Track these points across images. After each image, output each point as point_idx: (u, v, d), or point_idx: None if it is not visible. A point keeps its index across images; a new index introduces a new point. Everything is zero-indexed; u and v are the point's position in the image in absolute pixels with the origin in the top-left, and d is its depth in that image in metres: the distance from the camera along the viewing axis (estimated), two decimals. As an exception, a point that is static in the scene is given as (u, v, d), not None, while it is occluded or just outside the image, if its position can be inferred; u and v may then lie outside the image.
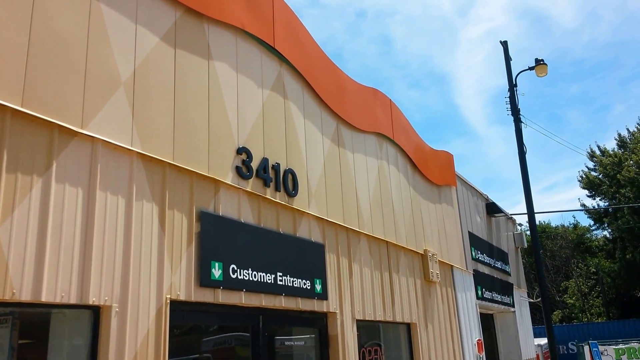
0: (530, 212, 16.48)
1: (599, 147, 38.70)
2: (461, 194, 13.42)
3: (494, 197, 18.14)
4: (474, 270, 13.16)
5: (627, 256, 36.24)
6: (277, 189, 6.70)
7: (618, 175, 34.97)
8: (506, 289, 15.35)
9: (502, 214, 15.56)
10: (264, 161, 6.54)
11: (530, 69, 17.40)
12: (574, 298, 42.25)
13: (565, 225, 48.34)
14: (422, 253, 10.51)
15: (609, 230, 38.97)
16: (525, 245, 17.50)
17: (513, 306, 15.64)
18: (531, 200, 16.47)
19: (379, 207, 9.17)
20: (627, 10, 73.05)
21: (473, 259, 13.27)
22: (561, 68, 79.72)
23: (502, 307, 14.76)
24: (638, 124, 38.41)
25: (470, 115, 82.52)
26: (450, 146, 74.82)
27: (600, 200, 38.54)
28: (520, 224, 17.92)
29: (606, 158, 36.97)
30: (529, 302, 17.34)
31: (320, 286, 7.13)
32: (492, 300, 13.95)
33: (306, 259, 6.99)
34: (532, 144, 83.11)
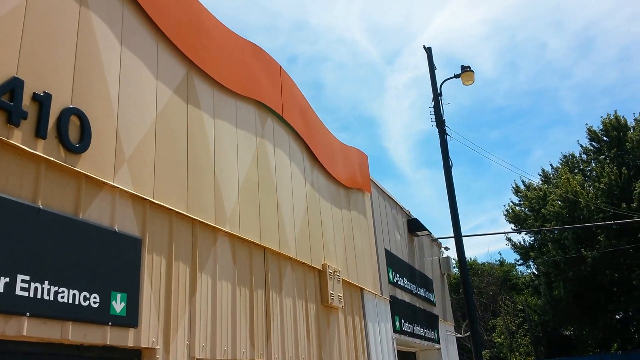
0: (458, 234, 14.13)
1: (523, 182, 37.78)
2: (377, 204, 10.88)
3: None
4: (392, 297, 10.52)
5: (555, 292, 34.89)
6: (41, 135, 3.84)
7: (543, 209, 33.84)
8: (431, 321, 12.79)
9: (426, 233, 13.12)
10: (13, 84, 3.70)
11: (456, 76, 15.40)
12: (502, 337, 40.47)
13: (492, 262, 47.13)
14: (320, 269, 7.78)
15: (535, 265, 37.71)
16: (452, 270, 15.10)
17: (438, 342, 13.07)
18: (458, 219, 14.15)
19: (255, 199, 6.41)
20: (543, 60, 75.50)
21: (390, 282, 10.65)
22: (483, 115, 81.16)
23: (426, 342, 12.14)
24: (561, 159, 37.87)
25: (398, 158, 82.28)
26: (380, 186, 73.92)
27: (525, 234, 37.33)
28: (447, 248, 15.68)
29: (531, 192, 35.93)
30: (457, 338, 14.84)
31: (123, 304, 4.21)
32: (413, 335, 11.30)
33: (99, 259, 4.10)
34: (458, 186, 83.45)
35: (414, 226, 12.69)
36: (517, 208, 37.16)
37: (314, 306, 7.41)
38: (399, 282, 11.08)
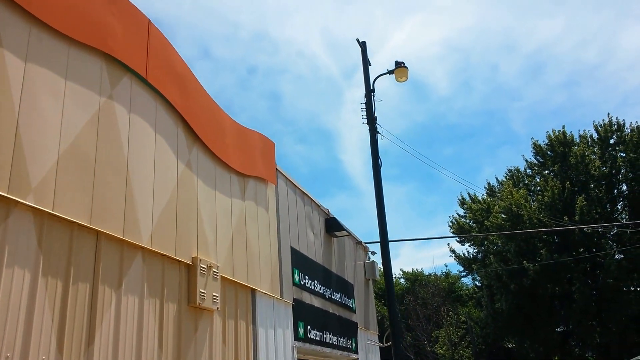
0: (384, 237, 13.04)
1: (469, 194, 37.35)
2: (285, 197, 9.66)
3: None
4: (296, 301, 9.29)
5: (496, 305, 34.38)
6: None
7: (486, 221, 33.38)
8: (347, 329, 11.60)
9: (345, 233, 11.96)
10: None
11: (390, 72, 14.41)
12: (444, 348, 39.76)
13: (438, 274, 46.61)
14: (189, 262, 6.48)
15: (478, 277, 37.23)
16: (378, 276, 13.98)
17: (356, 352, 11.88)
18: (384, 221, 13.07)
19: (87, 171, 5.08)
20: (495, 82, 76.37)
21: (296, 284, 9.42)
22: (437, 132, 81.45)
23: (340, 352, 10.94)
24: (506, 174, 37.63)
25: (353, 170, 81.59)
26: (334, 200, 72.69)
27: (469, 246, 36.80)
28: (373, 252, 14.56)
29: (475, 205, 35.47)
30: (380, 348, 13.70)
31: None
32: (323, 343, 10.08)
33: None
34: (411, 201, 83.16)
35: (332, 226, 11.52)
36: (462, 220, 36.67)
37: (175, 307, 6.10)
38: (307, 285, 9.86)
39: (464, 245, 37.10)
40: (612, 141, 31.17)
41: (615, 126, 31.14)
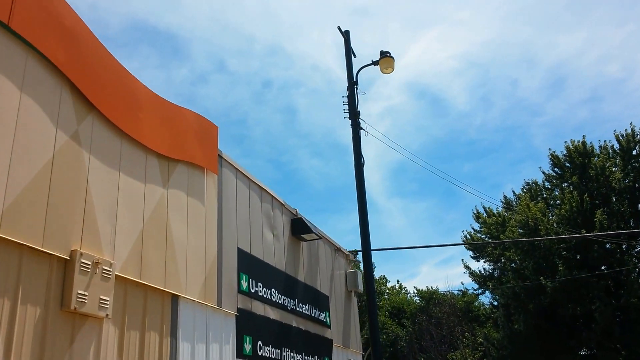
0: (366, 242, 11.54)
1: (484, 207, 35.41)
2: (231, 190, 8.27)
3: (392, 270, 13.23)
4: (241, 311, 7.83)
5: (515, 326, 32.14)
6: None
7: (501, 236, 31.40)
8: (319, 346, 10.06)
9: (315, 237, 10.45)
10: None
11: (374, 63, 13.02)
12: (460, 371, 37.52)
13: (455, 292, 44.40)
14: (65, 257, 5.14)
15: (494, 296, 35.05)
16: (361, 288, 12.43)
17: (329, 373, 10.33)
18: (367, 225, 11.58)
19: None
20: (515, 97, 74.18)
21: (242, 292, 7.98)
22: (456, 148, 79.31)
23: (306, 373, 9.42)
24: (523, 187, 35.63)
25: (370, 187, 79.68)
26: (351, 217, 70.89)
27: (484, 262, 34.75)
28: (357, 261, 12.99)
29: (490, 218, 33.52)
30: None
31: None
32: (280, 363, 8.58)
33: None
34: (430, 218, 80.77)
35: (299, 228, 10.07)
36: (476, 235, 34.68)
37: (38, 311, 4.74)
38: (260, 294, 8.41)
39: (479, 261, 35.09)
40: (634, 152, 29.06)
41: (639, 136, 29.05)
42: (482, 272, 35.01)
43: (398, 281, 54.75)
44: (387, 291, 49.38)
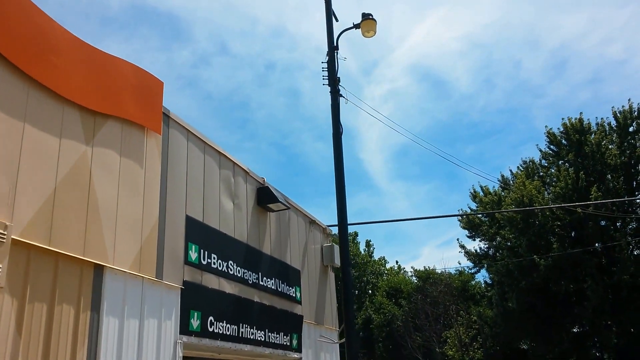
0: (342, 214, 10.62)
1: (481, 186, 34.37)
2: (181, 153, 7.33)
3: (394, 252, 12.26)
4: (188, 284, 6.95)
5: (510, 304, 31.30)
6: None
7: (497, 214, 30.43)
8: (285, 323, 9.20)
9: (282, 207, 9.50)
10: None
11: (356, 27, 11.96)
12: (454, 349, 36.79)
13: (450, 271, 43.54)
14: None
15: (489, 274, 34.17)
16: (338, 262, 11.54)
17: (298, 350, 9.48)
18: (344, 195, 10.65)
19: None
20: (518, 79, 72.49)
21: (191, 263, 7.08)
22: (459, 130, 77.78)
23: (269, 350, 8.56)
24: (520, 165, 34.55)
25: (373, 170, 78.40)
26: (354, 199, 69.83)
27: (480, 241, 33.80)
28: (332, 234, 12.08)
29: (486, 197, 32.52)
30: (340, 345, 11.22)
31: None
32: (236, 339, 7.72)
33: None
34: (433, 200, 79.65)
35: (266, 197, 9.14)
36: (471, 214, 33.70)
37: None
38: (214, 266, 7.52)
39: (474, 240, 34.21)
40: (631, 129, 27.91)
41: (636, 113, 27.85)
42: (478, 251, 34.15)
43: (397, 262, 53.88)
44: (386, 272, 48.63)
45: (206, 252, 7.40)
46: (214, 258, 7.55)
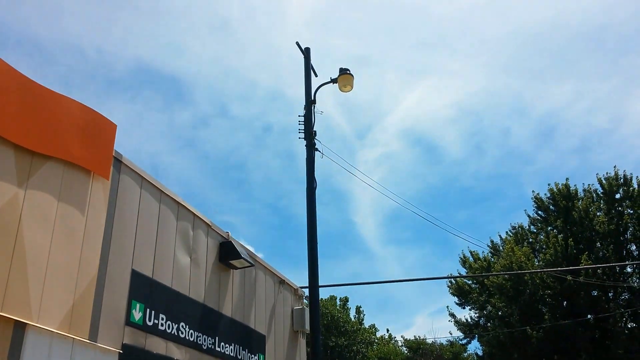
0: (313, 273, 9.97)
1: (470, 252, 33.66)
2: (131, 200, 6.78)
3: (386, 320, 11.51)
4: (129, 348, 6.20)
5: (501, 377, 29.84)
6: None
7: (486, 281, 29.60)
8: (246, 395, 8.34)
9: (247, 264, 8.82)
10: None
11: (333, 81, 11.79)
12: None
13: (443, 342, 41.96)
14: None
15: (480, 345, 32.81)
16: (308, 327, 10.73)
17: None
18: (316, 253, 10.05)
19: None
20: (507, 146, 73.51)
21: (133, 324, 6.36)
22: (451, 195, 77.91)
23: None
24: (509, 231, 34.07)
25: (366, 233, 77.70)
26: (347, 263, 68.61)
27: (470, 309, 32.64)
28: (306, 296, 11.31)
29: (475, 263, 31.76)
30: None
31: None
32: (185, 413, 6.88)
33: None
34: (425, 266, 78.54)
35: (228, 253, 8.51)
36: (461, 279, 32.80)
37: None
38: (161, 328, 6.80)
39: (464, 308, 33.07)
40: (618, 196, 27.71)
41: (622, 180, 27.75)
42: (469, 320, 32.99)
43: (388, 330, 52.16)
44: (377, 341, 46.94)
45: (153, 312, 6.70)
46: (162, 319, 6.84)
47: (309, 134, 11.32)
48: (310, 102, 11.64)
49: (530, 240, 31.10)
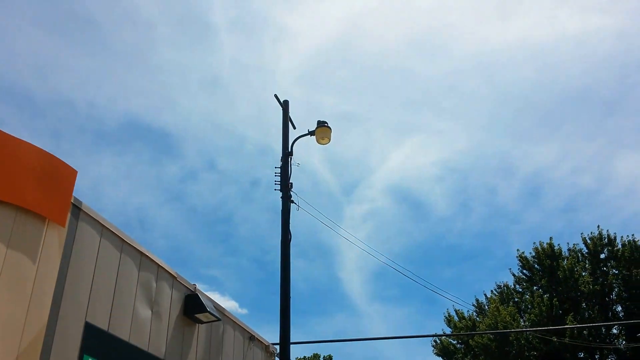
0: (285, 333, 9.62)
1: (456, 311, 33.10)
2: (91, 249, 6.51)
3: None
4: (75, 408, 5.81)
5: None
6: None
7: (471, 341, 28.95)
8: None
9: (213, 318, 8.47)
10: None
11: (311, 133, 11.82)
12: None
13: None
14: None
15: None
16: (279, 388, 10.20)
17: None
18: (288, 309, 9.73)
19: None
20: (494, 204, 73.94)
21: (82, 381, 6.00)
22: (437, 252, 77.50)
23: None
24: (494, 290, 33.69)
25: (352, 290, 76.54)
26: (334, 320, 67.17)
27: (454, 373, 31.71)
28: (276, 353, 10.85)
29: (460, 322, 31.16)
30: None
31: None
32: None
33: None
34: (412, 324, 77.13)
35: (193, 306, 8.19)
36: (446, 339, 32.05)
37: None
38: (115, 385, 6.41)
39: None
40: (603, 256, 27.67)
41: (606, 240, 27.78)
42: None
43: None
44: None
45: (106, 368, 6.33)
46: (117, 375, 6.46)
47: (285, 186, 11.23)
48: (287, 154, 11.62)
49: (516, 299, 30.70)
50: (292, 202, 11.05)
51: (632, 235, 26.92)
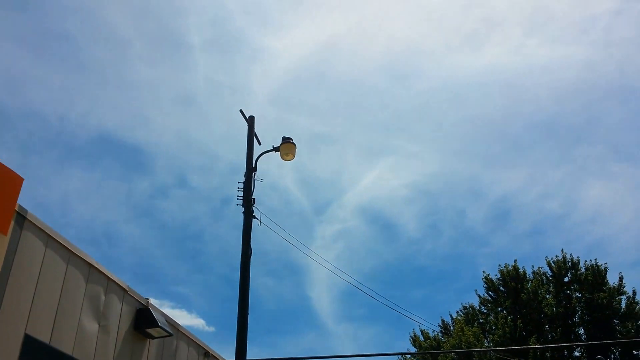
0: (242, 349, 9.43)
1: (422, 331, 33.11)
2: (35, 259, 6.26)
3: None
4: None
5: None
6: None
7: (435, 361, 28.97)
8: None
9: (165, 334, 8.25)
10: None
11: (275, 149, 11.76)
12: None
13: None
14: None
15: None
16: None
17: None
18: (245, 325, 9.56)
19: None
20: (462, 227, 74.81)
21: (17, 397, 5.76)
22: (406, 273, 77.89)
23: None
24: (460, 310, 33.84)
25: (321, 309, 76.20)
26: (302, 339, 66.50)
27: (418, 389, 31.66)
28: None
29: (425, 342, 31.15)
30: None
31: None
32: None
33: None
34: (380, 345, 76.94)
35: (144, 320, 7.98)
36: (411, 358, 31.97)
37: None
38: (53, 401, 6.16)
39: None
40: (566, 279, 28.09)
41: (570, 264, 28.24)
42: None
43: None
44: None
45: (45, 383, 6.09)
46: (56, 391, 6.22)
47: (247, 201, 11.12)
48: (250, 169, 11.54)
49: (481, 320, 30.88)
50: (255, 217, 10.94)
51: (595, 259, 27.44)
